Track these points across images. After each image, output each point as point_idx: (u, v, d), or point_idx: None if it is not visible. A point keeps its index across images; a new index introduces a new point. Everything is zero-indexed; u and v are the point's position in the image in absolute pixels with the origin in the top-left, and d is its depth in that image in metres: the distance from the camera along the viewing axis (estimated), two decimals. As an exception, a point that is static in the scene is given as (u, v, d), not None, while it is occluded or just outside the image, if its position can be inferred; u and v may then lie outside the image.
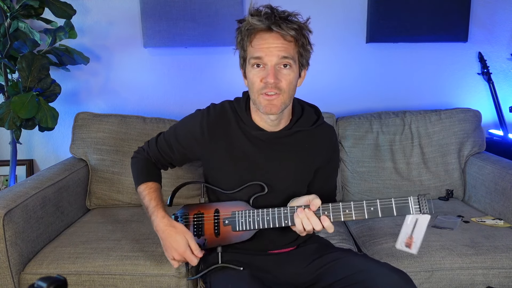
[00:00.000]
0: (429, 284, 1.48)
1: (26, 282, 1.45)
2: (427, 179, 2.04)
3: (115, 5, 2.24)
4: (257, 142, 1.24)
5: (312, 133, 1.27)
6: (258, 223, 1.19)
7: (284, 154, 1.25)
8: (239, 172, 1.25)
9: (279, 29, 1.09)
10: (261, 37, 1.12)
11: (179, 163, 1.37)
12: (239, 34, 1.16)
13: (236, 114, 1.26)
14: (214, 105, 1.30)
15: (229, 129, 1.25)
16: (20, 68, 1.86)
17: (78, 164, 1.98)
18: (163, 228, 1.21)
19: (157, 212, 1.23)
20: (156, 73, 2.32)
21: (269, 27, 1.10)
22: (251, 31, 1.12)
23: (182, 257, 1.19)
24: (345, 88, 2.36)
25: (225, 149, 1.25)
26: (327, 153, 1.30)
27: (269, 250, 1.30)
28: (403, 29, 2.22)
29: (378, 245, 1.58)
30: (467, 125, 2.07)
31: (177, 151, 1.32)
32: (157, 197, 1.28)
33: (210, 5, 2.15)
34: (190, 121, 1.31)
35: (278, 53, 1.10)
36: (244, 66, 1.19)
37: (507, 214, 1.74)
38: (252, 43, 1.13)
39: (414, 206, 1.09)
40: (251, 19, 1.10)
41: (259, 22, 1.09)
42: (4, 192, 1.54)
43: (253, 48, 1.13)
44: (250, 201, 1.23)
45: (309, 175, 1.30)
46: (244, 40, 1.15)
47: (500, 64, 2.36)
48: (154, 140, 1.38)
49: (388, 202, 1.10)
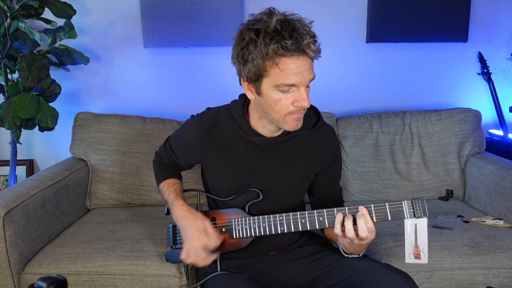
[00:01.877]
0: (429, 284, 1.48)
1: (26, 282, 1.45)
2: (427, 179, 2.04)
3: (115, 5, 2.24)
4: (255, 148, 1.22)
5: (312, 136, 1.25)
6: (255, 230, 1.19)
7: (283, 159, 1.23)
8: (237, 177, 1.24)
9: (311, 51, 1.01)
10: (293, 61, 1.01)
11: (186, 167, 1.38)
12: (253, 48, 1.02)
13: (233, 120, 1.23)
14: (209, 109, 1.28)
15: (225, 135, 1.23)
16: (20, 68, 1.86)
17: (78, 164, 1.98)
18: (182, 214, 1.20)
19: (176, 202, 1.24)
20: (156, 73, 2.32)
21: (304, 50, 1.00)
22: (276, 52, 0.99)
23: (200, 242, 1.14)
24: (345, 88, 2.36)
25: (221, 154, 1.24)
26: (328, 156, 1.28)
27: (269, 252, 1.30)
28: (403, 29, 2.22)
29: (378, 245, 1.58)
30: (467, 125, 2.07)
31: (180, 157, 1.34)
32: (176, 190, 1.30)
33: (210, 5, 2.15)
34: (185, 128, 1.31)
35: (309, 77, 1.05)
36: (254, 81, 1.08)
37: (507, 214, 1.74)
38: (280, 66, 1.01)
39: (409, 210, 1.07)
40: (284, 43, 0.98)
41: (293, 47, 0.98)
42: (4, 192, 1.54)
43: (283, 73, 1.02)
44: (245, 208, 1.23)
45: (309, 179, 1.29)
46: (264, 58, 1.02)
47: (500, 64, 2.36)
48: (163, 146, 1.40)
49: (382, 207, 1.09)
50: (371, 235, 1.08)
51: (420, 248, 1.07)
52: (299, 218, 1.15)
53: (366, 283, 1.11)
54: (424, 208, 1.06)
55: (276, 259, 1.28)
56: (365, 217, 1.07)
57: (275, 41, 0.99)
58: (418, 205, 1.06)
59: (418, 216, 1.06)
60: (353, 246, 1.13)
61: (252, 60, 1.04)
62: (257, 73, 1.05)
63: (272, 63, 1.02)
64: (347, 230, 1.07)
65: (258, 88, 1.08)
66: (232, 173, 1.24)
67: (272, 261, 1.27)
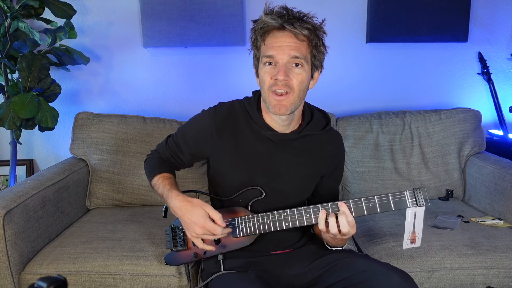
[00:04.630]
0: (429, 284, 1.48)
1: (26, 282, 1.45)
2: (427, 179, 2.04)
3: (115, 5, 2.24)
4: (267, 142, 1.23)
5: (321, 138, 1.27)
6: (259, 228, 1.19)
7: (294, 156, 1.25)
8: (246, 172, 1.24)
9: (292, 27, 1.09)
10: (274, 36, 1.12)
11: (189, 163, 1.36)
12: (253, 33, 1.17)
13: (246, 113, 1.25)
14: (222, 104, 1.29)
15: (238, 128, 1.24)
16: (20, 68, 1.86)
17: (78, 164, 1.98)
18: (179, 205, 1.17)
19: (171, 193, 1.20)
20: (156, 73, 2.32)
21: (282, 25, 1.10)
22: (264, 29, 1.13)
23: (204, 229, 1.14)
24: (345, 88, 2.36)
25: (233, 147, 1.24)
26: (334, 160, 1.31)
27: (272, 251, 1.30)
28: (403, 29, 2.22)
29: (378, 245, 1.58)
30: (467, 125, 2.07)
31: (186, 151, 1.31)
32: (171, 183, 1.25)
33: (210, 5, 2.15)
34: (197, 121, 1.30)
35: (290, 52, 1.10)
36: (257, 65, 1.19)
37: (507, 214, 1.74)
38: (265, 42, 1.14)
39: (411, 200, 1.11)
40: (265, 18, 1.11)
41: (273, 21, 1.10)
42: (4, 192, 1.54)
43: (265, 47, 1.14)
44: (248, 206, 1.23)
45: (315, 181, 1.30)
46: (257, 39, 1.16)
47: (500, 64, 2.36)
48: (164, 142, 1.37)
49: (386, 198, 1.12)
50: (352, 229, 1.12)
51: (416, 233, 1.14)
52: (303, 213, 1.17)
53: (366, 282, 1.11)
54: (425, 197, 1.11)
55: (278, 259, 1.28)
56: (345, 213, 1.11)
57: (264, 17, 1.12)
58: (419, 194, 1.11)
59: (420, 205, 1.11)
60: (335, 241, 1.18)
61: (254, 42, 1.17)
62: (256, 55, 1.18)
63: (263, 42, 1.14)
64: (331, 227, 1.12)
65: (257, 69, 1.19)
66: (242, 167, 1.24)
67: (275, 261, 1.27)
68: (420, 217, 1.12)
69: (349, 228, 1.11)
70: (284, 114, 1.15)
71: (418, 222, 1.13)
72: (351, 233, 1.13)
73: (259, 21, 1.14)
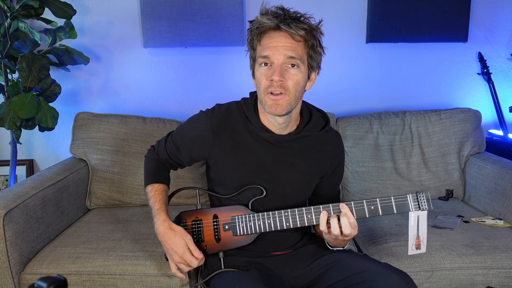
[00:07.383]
0: (429, 284, 1.48)
1: (26, 282, 1.45)
2: (427, 179, 2.04)
3: (115, 5, 2.24)
4: (265, 144, 1.23)
5: (320, 138, 1.26)
6: (260, 227, 1.19)
7: (292, 158, 1.24)
8: (244, 173, 1.24)
9: (287, 28, 1.09)
10: (270, 36, 1.12)
11: (187, 163, 1.35)
12: (249, 34, 1.16)
13: (244, 115, 1.25)
14: (220, 105, 1.29)
15: (236, 130, 1.24)
16: (20, 68, 1.86)
17: (78, 164, 1.98)
18: (163, 231, 1.21)
19: (159, 215, 1.24)
20: (156, 73, 2.32)
21: (278, 25, 1.10)
22: (260, 29, 1.12)
23: (181, 259, 1.19)
24: (345, 88, 2.36)
25: (231, 149, 1.24)
26: (334, 160, 1.30)
27: (272, 252, 1.30)
28: (403, 29, 2.22)
29: (378, 245, 1.58)
30: (467, 125, 2.07)
31: (184, 152, 1.31)
32: (161, 200, 1.28)
33: (210, 5, 2.15)
34: (195, 122, 1.30)
35: (285, 52, 1.10)
36: (253, 66, 1.19)
37: (507, 214, 1.74)
38: (261, 42, 1.13)
39: (413, 203, 1.11)
40: (261, 18, 1.11)
41: (268, 21, 1.10)
42: (4, 192, 1.54)
43: (261, 47, 1.13)
44: (249, 205, 1.23)
45: (315, 181, 1.30)
46: (253, 39, 1.15)
47: (500, 64, 2.36)
48: (164, 140, 1.36)
49: (388, 200, 1.12)
50: (354, 231, 1.13)
51: (421, 238, 1.13)
52: (304, 213, 1.17)
53: (365, 282, 1.11)
54: (428, 200, 1.10)
55: (279, 260, 1.28)
56: (347, 215, 1.12)
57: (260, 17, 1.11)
58: (422, 198, 1.10)
59: (422, 209, 1.10)
60: (337, 241, 1.18)
61: (250, 43, 1.17)
62: (253, 55, 1.18)
63: (258, 42, 1.14)
64: (333, 228, 1.12)
65: (253, 70, 1.18)
66: (240, 169, 1.24)
67: (275, 262, 1.27)
68: (423, 221, 1.11)
69: (351, 230, 1.11)
70: (280, 114, 1.15)
71: (422, 226, 1.12)
72: (353, 234, 1.13)
73: (255, 21, 1.14)
